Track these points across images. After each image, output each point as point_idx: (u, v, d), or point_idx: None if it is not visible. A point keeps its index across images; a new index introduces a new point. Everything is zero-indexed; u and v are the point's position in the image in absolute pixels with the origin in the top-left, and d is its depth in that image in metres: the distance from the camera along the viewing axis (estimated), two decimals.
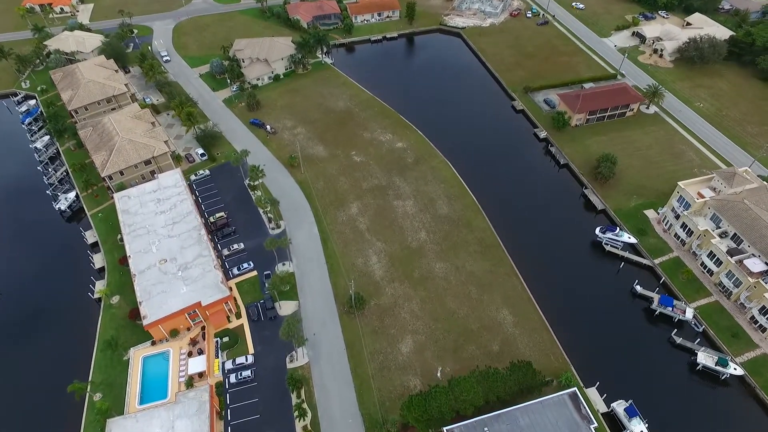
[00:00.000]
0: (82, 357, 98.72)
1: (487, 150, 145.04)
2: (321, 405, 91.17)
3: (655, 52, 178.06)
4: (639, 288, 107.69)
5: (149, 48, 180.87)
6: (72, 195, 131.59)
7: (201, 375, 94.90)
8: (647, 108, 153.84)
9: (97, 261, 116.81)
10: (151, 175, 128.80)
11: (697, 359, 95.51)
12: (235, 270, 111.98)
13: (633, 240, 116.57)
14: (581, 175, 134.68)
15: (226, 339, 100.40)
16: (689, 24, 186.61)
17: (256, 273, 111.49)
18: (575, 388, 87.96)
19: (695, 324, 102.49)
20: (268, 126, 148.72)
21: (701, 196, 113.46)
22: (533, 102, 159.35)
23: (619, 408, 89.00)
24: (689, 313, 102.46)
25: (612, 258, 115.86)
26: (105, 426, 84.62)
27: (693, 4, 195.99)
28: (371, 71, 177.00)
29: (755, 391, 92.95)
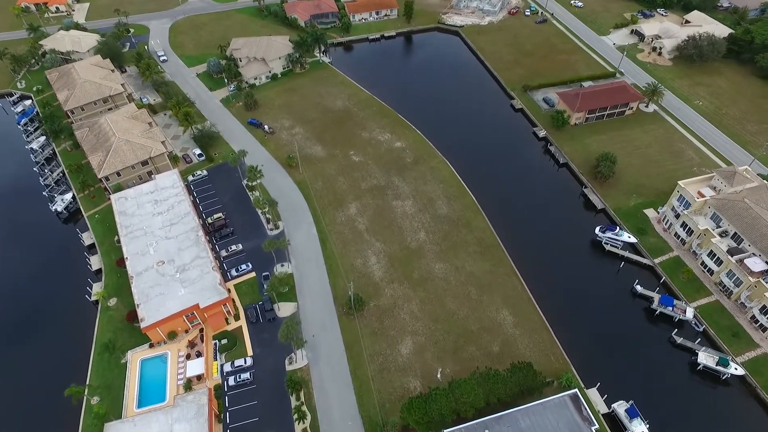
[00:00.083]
0: (79, 360, 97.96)
1: (486, 149, 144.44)
2: (320, 407, 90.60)
3: (654, 50, 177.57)
4: (639, 288, 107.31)
5: (146, 47, 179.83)
6: (68, 196, 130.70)
7: (199, 378, 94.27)
8: (646, 106, 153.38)
9: (94, 263, 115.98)
10: (149, 176, 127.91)
11: (698, 359, 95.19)
12: (234, 271, 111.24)
13: (633, 239, 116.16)
14: (581, 175, 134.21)
15: (224, 341, 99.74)
16: (688, 22, 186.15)
17: (254, 274, 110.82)
18: (576, 389, 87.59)
19: (696, 324, 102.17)
20: (265, 126, 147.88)
21: (701, 195, 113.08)
22: (532, 101, 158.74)
23: (620, 409, 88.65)
24: (690, 313, 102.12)
25: (612, 257, 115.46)
26: (103, 430, 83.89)
27: (692, 1, 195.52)
28: (369, 70, 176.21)
29: (756, 391, 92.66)
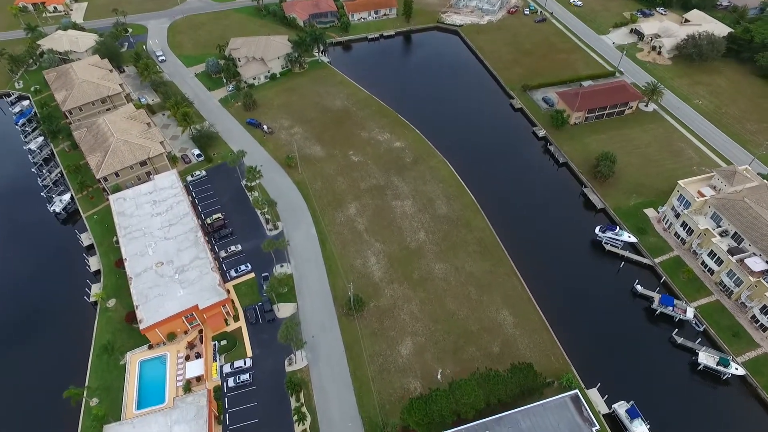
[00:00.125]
0: (78, 362, 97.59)
1: (486, 149, 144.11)
2: (320, 408, 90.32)
3: (654, 49, 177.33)
4: (639, 287, 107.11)
5: (144, 47, 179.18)
6: (67, 197, 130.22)
7: (199, 379, 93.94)
8: (646, 106, 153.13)
9: (93, 264, 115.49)
10: (147, 177, 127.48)
11: (699, 359, 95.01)
12: (233, 272, 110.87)
13: (633, 239, 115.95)
14: (580, 174, 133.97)
15: (224, 342, 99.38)
16: (687, 21, 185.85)
17: (253, 275, 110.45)
18: (577, 389, 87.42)
19: (696, 323, 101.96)
20: (264, 126, 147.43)
21: (701, 194, 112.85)
22: (532, 100, 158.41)
23: (621, 409, 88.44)
24: (690, 313, 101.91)
25: (612, 257, 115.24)
26: None
27: (691, 0, 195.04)
28: (368, 70, 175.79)
29: (757, 391, 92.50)
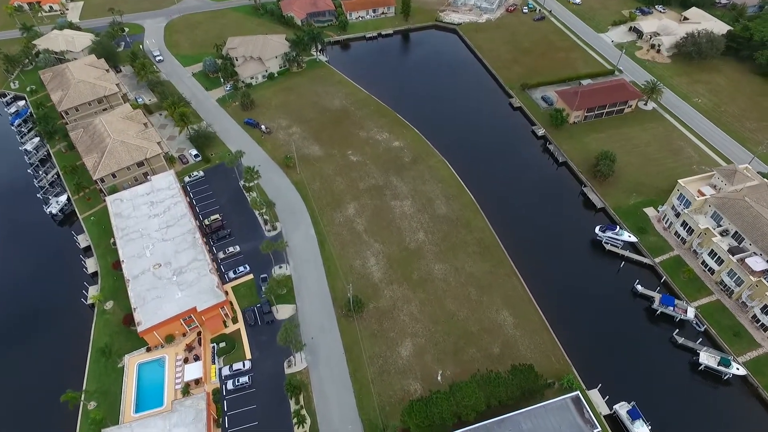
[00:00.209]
0: (75, 365, 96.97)
1: (485, 148, 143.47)
2: (320, 411, 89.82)
3: (653, 47, 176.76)
4: (640, 287, 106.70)
5: (141, 47, 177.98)
6: (63, 198, 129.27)
7: (198, 382, 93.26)
8: (645, 104, 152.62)
9: (90, 266, 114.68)
10: (144, 177, 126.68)
11: (700, 359, 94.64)
12: (231, 273, 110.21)
13: (633, 239, 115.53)
14: (580, 173, 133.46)
15: (222, 344, 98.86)
16: (686, 19, 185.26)
17: (252, 276, 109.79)
18: (578, 391, 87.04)
19: (697, 323, 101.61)
20: (262, 126, 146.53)
21: (701, 193, 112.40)
22: (531, 99, 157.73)
23: (622, 410, 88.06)
24: (691, 313, 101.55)
25: (612, 257, 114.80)
26: None
27: None
28: (367, 69, 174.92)
29: (758, 391, 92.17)
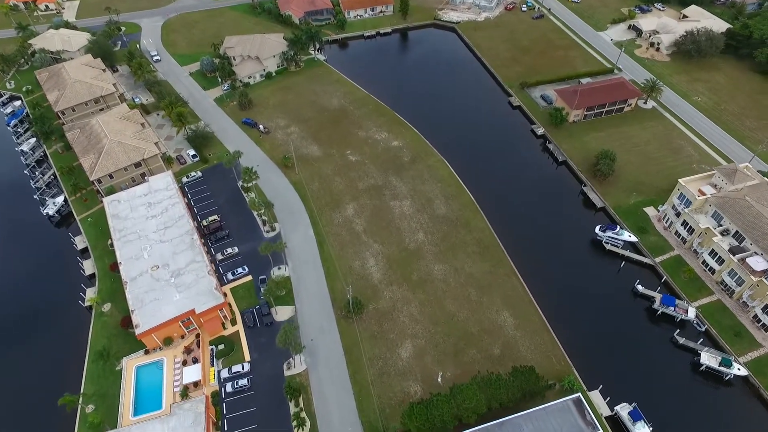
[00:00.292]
0: (73, 367, 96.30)
1: (484, 147, 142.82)
2: (320, 413, 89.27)
3: (652, 45, 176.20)
4: (640, 287, 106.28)
5: (137, 46, 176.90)
6: (60, 199, 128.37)
7: (196, 384, 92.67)
8: (645, 103, 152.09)
9: (87, 267, 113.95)
10: (142, 178, 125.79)
11: (701, 360, 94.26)
12: (230, 275, 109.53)
13: (633, 238, 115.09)
14: (580, 173, 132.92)
15: (221, 347, 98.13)
16: (686, 17, 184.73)
17: (251, 278, 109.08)
18: (579, 393, 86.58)
19: (698, 323, 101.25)
20: (260, 125, 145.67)
21: (702, 193, 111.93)
22: (530, 98, 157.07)
23: (623, 411, 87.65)
24: (691, 313, 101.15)
25: (612, 257, 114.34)
26: None
27: None
28: (365, 68, 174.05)
29: (759, 392, 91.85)
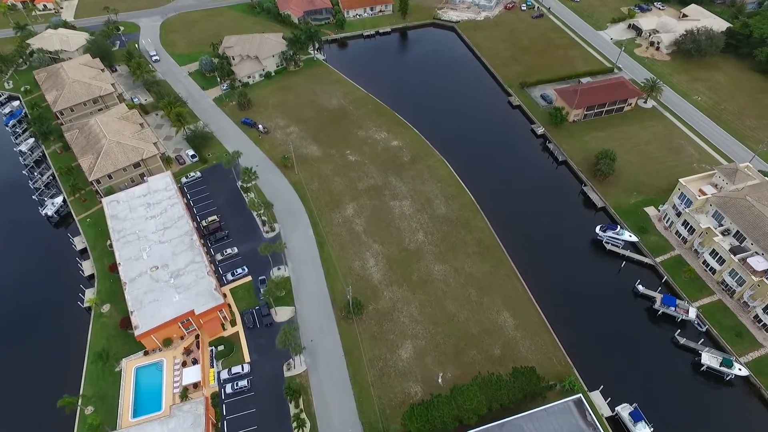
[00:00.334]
0: (72, 369, 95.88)
1: (484, 147, 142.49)
2: (320, 414, 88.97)
3: (652, 44, 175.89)
4: (641, 287, 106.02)
5: (136, 46, 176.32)
6: (59, 200, 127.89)
7: (196, 385, 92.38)
8: (645, 102, 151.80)
9: (87, 268, 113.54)
10: (141, 179, 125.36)
11: (702, 360, 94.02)
12: (229, 275, 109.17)
13: (634, 238, 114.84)
14: (580, 172, 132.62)
15: (221, 347, 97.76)
16: (685, 16, 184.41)
17: (250, 278, 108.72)
18: (580, 394, 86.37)
19: (698, 324, 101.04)
20: (260, 125, 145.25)
21: (703, 192, 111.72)
22: (530, 97, 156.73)
23: (624, 412, 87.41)
24: (692, 313, 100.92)
25: (613, 257, 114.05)
26: None
27: None
28: (364, 67, 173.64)
29: (760, 392, 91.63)
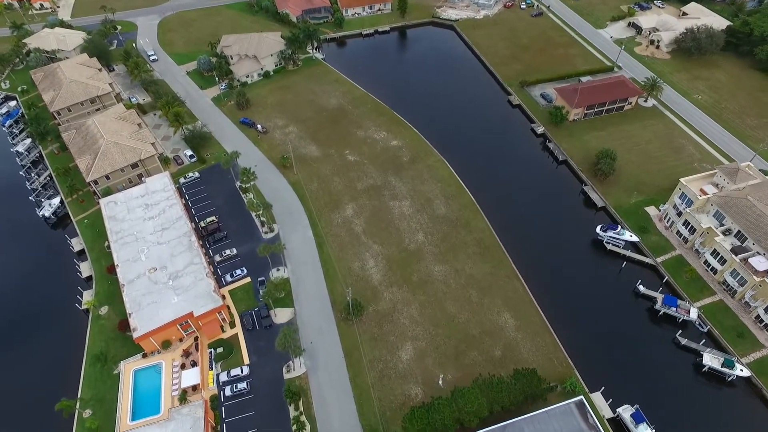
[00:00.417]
0: (70, 372, 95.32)
1: (484, 146, 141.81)
2: (320, 417, 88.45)
3: (652, 43, 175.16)
4: (642, 288, 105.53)
5: (134, 45, 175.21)
6: (56, 201, 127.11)
7: (195, 388, 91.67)
8: (645, 101, 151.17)
9: (84, 270, 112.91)
10: (139, 179, 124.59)
11: (703, 361, 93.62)
12: (228, 277, 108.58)
13: (635, 238, 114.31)
14: (580, 172, 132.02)
15: (220, 350, 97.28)
16: (685, 14, 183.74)
17: (249, 279, 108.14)
18: (581, 396, 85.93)
19: (700, 324, 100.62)
20: (258, 125, 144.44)
21: (704, 192, 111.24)
22: (530, 96, 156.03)
23: (625, 413, 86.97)
24: (693, 314, 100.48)
25: (614, 257, 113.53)
26: None
27: None
28: (363, 66, 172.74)
29: (762, 393, 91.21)
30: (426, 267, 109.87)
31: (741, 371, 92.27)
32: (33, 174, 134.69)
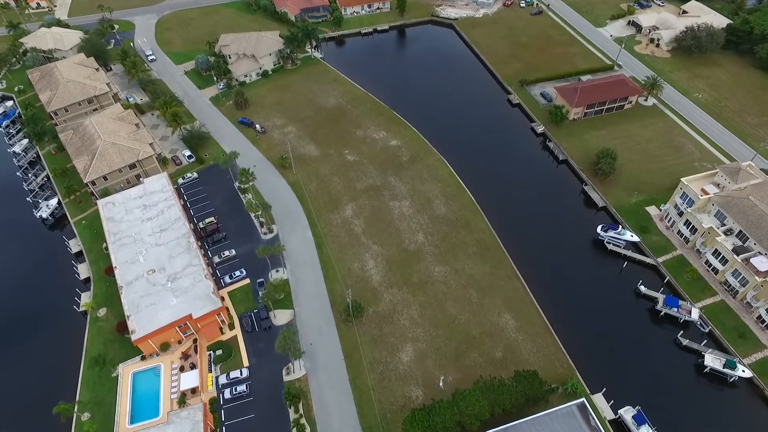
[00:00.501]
0: (68, 375, 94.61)
1: (484, 146, 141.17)
2: (320, 419, 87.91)
3: (652, 41, 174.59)
4: (643, 288, 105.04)
5: (131, 44, 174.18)
6: (54, 202, 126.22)
7: (194, 390, 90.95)
8: (645, 100, 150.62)
9: (82, 271, 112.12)
10: (137, 180, 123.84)
11: (705, 362, 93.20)
12: (227, 278, 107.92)
13: (636, 238, 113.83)
14: (581, 171, 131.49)
15: (219, 352, 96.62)
16: (685, 12, 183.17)
17: (248, 281, 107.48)
18: (583, 398, 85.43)
19: (701, 324, 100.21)
20: (257, 125, 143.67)
21: (705, 192, 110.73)
22: (530, 95, 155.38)
23: (627, 415, 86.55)
24: (695, 314, 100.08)
25: (614, 257, 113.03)
26: None
27: None
28: (362, 65, 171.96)
29: (764, 394, 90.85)
30: (426, 267, 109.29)
31: (743, 372, 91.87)
32: (30, 175, 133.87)
